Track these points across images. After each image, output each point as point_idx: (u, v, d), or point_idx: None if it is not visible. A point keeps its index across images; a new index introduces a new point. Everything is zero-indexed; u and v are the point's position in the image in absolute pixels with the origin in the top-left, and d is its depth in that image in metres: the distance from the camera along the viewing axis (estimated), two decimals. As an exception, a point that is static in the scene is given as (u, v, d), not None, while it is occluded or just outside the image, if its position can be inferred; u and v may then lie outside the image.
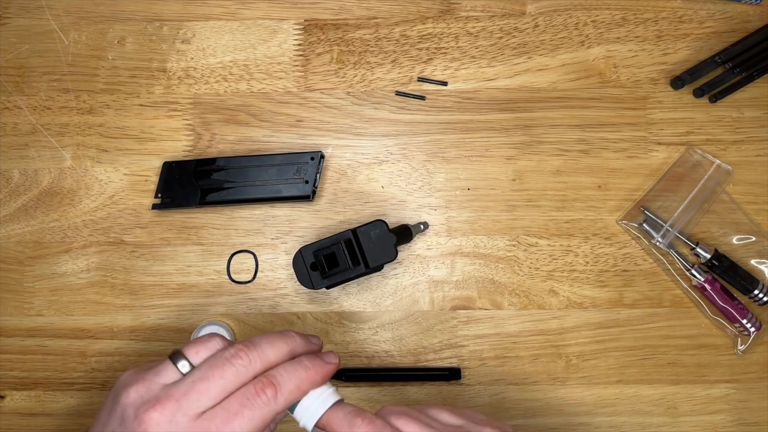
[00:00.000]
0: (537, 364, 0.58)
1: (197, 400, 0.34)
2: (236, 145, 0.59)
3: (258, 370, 0.36)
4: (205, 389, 0.35)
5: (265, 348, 0.37)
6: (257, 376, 0.36)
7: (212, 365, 0.36)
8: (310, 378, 0.37)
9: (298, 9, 0.59)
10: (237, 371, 0.36)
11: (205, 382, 0.35)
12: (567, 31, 0.59)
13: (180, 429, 0.34)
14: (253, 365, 0.36)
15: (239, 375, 0.36)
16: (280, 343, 0.38)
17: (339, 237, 0.53)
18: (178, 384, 0.35)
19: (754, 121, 0.58)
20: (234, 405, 0.35)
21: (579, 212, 0.58)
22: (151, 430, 0.34)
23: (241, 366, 0.36)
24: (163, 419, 0.34)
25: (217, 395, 0.35)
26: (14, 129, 0.59)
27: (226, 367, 0.36)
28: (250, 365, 0.36)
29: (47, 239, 0.58)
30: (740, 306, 0.56)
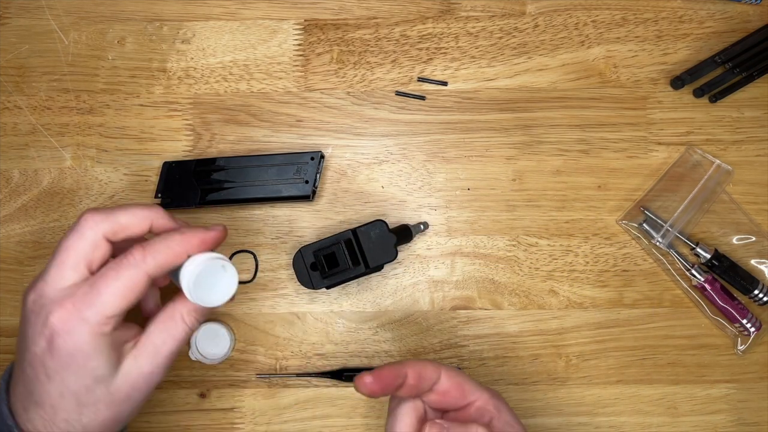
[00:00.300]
0: (537, 364, 0.58)
1: (58, 275, 0.38)
2: (236, 145, 0.59)
3: (107, 232, 0.39)
4: (57, 265, 0.38)
5: (117, 214, 0.40)
6: None
7: (62, 241, 0.39)
8: (184, 240, 0.38)
9: (298, 9, 0.59)
10: (84, 239, 0.38)
11: (56, 259, 0.39)
12: (567, 31, 0.59)
13: (50, 301, 0.37)
14: (102, 226, 0.39)
15: (86, 242, 0.38)
16: (137, 210, 0.40)
17: (339, 237, 0.53)
18: (39, 274, 0.39)
19: (754, 121, 0.58)
20: (103, 270, 0.37)
21: (579, 212, 0.58)
22: (28, 307, 0.38)
23: (89, 230, 0.39)
24: (35, 296, 0.38)
25: (74, 265, 0.38)
26: (14, 129, 0.59)
27: (72, 238, 0.39)
28: (96, 228, 0.39)
29: (47, 239, 0.58)
30: (740, 306, 0.56)
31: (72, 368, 0.37)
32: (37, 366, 0.37)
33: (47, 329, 0.37)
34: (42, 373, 0.37)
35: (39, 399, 0.37)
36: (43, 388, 0.37)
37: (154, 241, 0.38)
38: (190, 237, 0.38)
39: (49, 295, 0.37)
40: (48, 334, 0.37)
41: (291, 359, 0.58)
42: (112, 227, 0.39)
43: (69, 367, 0.37)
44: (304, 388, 0.57)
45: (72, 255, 0.38)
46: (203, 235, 0.39)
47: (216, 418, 0.57)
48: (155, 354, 0.39)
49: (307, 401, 0.57)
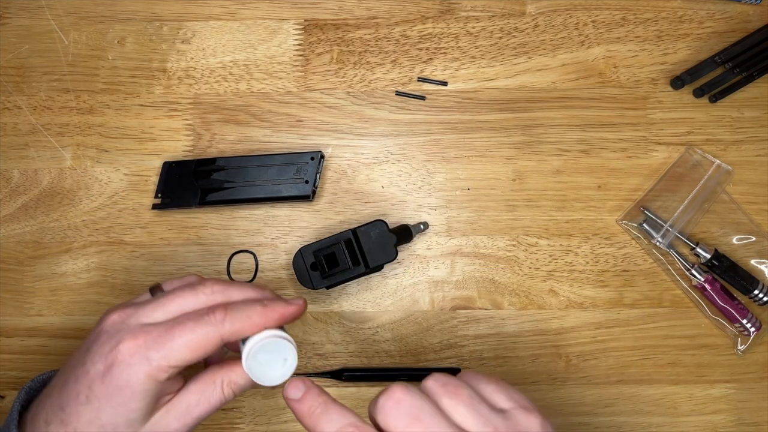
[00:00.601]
0: (537, 364, 0.58)
1: (152, 311, 0.37)
2: (236, 145, 0.59)
3: (217, 301, 0.38)
4: (162, 304, 0.38)
5: (233, 288, 0.39)
6: None
7: (178, 289, 0.39)
8: (265, 313, 0.38)
9: (298, 9, 0.59)
10: (197, 296, 0.38)
11: (165, 299, 0.38)
12: (567, 31, 0.59)
13: (127, 331, 0.36)
14: (214, 296, 0.38)
15: (198, 300, 0.38)
16: (249, 290, 0.40)
17: (339, 237, 0.53)
18: (143, 301, 0.39)
19: (754, 121, 0.58)
20: (181, 318, 0.37)
21: (579, 212, 0.58)
22: (105, 326, 0.37)
23: (202, 294, 0.38)
24: (117, 319, 0.37)
25: (171, 311, 0.38)
26: (14, 129, 0.59)
27: (188, 292, 0.38)
28: (211, 295, 0.38)
29: (47, 239, 0.58)
30: (740, 306, 0.56)
31: (113, 402, 0.36)
32: (83, 385, 0.36)
33: (111, 355, 0.36)
34: (84, 393, 0.36)
35: (67, 418, 0.37)
36: (77, 408, 0.36)
37: (237, 307, 0.37)
38: (272, 312, 0.38)
39: (130, 324, 0.37)
40: (110, 359, 0.36)
41: (291, 359, 0.58)
42: (223, 299, 0.39)
43: (111, 399, 0.36)
44: (304, 388, 0.57)
45: (175, 302, 0.38)
46: (283, 310, 0.38)
47: (216, 418, 0.57)
48: (186, 414, 0.38)
49: (307, 401, 0.57)
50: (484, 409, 0.32)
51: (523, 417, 0.33)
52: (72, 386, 0.37)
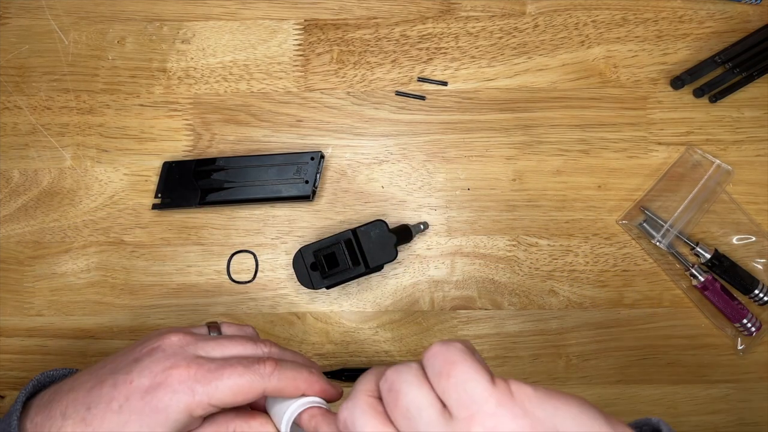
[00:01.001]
0: (537, 364, 0.58)
1: (212, 348, 0.38)
2: (236, 145, 0.59)
3: (272, 355, 0.40)
4: (222, 345, 0.39)
5: (287, 352, 0.41)
6: None
7: (239, 337, 0.40)
8: (310, 380, 0.38)
9: (298, 9, 0.59)
10: (255, 348, 0.39)
11: (227, 341, 0.39)
12: (567, 31, 0.59)
13: (183, 357, 0.37)
14: (270, 353, 0.40)
15: (255, 351, 0.39)
16: (300, 358, 0.41)
17: (339, 237, 0.53)
18: (204, 335, 0.40)
19: (754, 121, 0.58)
20: (233, 360, 0.37)
21: (579, 212, 0.58)
22: (163, 344, 0.38)
23: (259, 349, 0.39)
24: (177, 342, 0.38)
25: (229, 354, 0.38)
26: (14, 129, 0.59)
27: (249, 343, 0.39)
28: (267, 352, 0.40)
29: (47, 239, 0.58)
30: (740, 306, 0.56)
31: (144, 420, 0.35)
32: (121, 393, 0.36)
33: (162, 376, 0.36)
34: (118, 402, 0.36)
35: (90, 418, 0.36)
36: (105, 413, 0.36)
37: (287, 365, 0.38)
38: (315, 382, 0.38)
39: (188, 352, 0.37)
40: (159, 379, 0.36)
41: (291, 359, 0.58)
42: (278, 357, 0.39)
43: (143, 417, 0.35)
44: (304, 388, 0.57)
45: (235, 348, 0.39)
46: (325, 386, 0.39)
47: (216, 418, 0.57)
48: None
49: (307, 401, 0.57)
50: (420, 423, 0.29)
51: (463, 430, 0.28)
52: (108, 390, 0.36)
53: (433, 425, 0.28)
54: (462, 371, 0.29)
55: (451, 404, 0.29)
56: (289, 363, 0.38)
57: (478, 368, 0.29)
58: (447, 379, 0.29)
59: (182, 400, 0.35)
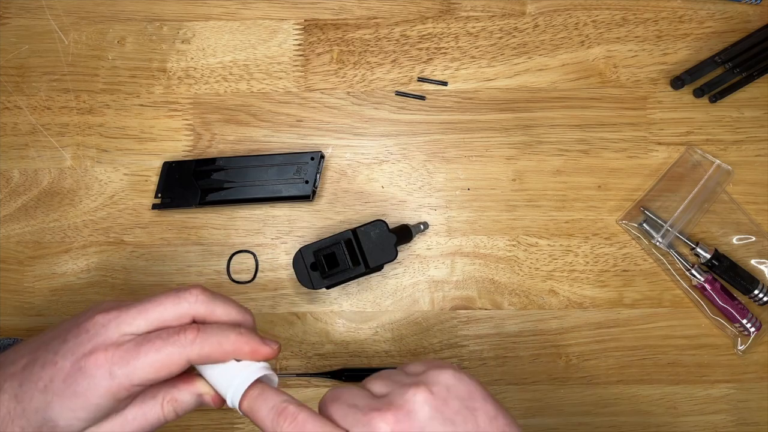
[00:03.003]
0: (537, 364, 0.58)
1: (134, 317, 0.37)
2: (236, 145, 0.59)
3: (198, 312, 0.38)
4: (144, 310, 0.37)
5: (217, 301, 0.38)
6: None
7: (162, 295, 0.38)
8: (238, 343, 0.37)
9: (298, 9, 0.59)
10: (179, 305, 0.37)
11: (149, 303, 0.37)
12: (567, 31, 0.59)
13: (104, 339, 0.36)
14: (197, 306, 0.38)
15: (179, 309, 0.37)
16: (233, 309, 0.39)
17: (339, 237, 0.53)
18: (129, 303, 0.38)
19: (754, 121, 0.58)
20: (151, 335, 0.36)
21: (579, 212, 0.58)
22: (88, 324, 0.37)
23: (185, 301, 0.37)
24: (101, 322, 0.37)
25: (152, 320, 0.37)
26: (14, 129, 0.59)
27: (171, 298, 0.37)
28: (194, 303, 0.37)
29: (47, 239, 0.58)
30: (740, 306, 0.56)
31: (65, 402, 0.36)
32: (46, 373, 0.36)
33: (82, 361, 0.36)
34: (43, 382, 0.36)
35: (21, 395, 0.37)
36: (32, 392, 0.36)
37: (209, 330, 0.37)
38: (245, 343, 0.37)
39: (109, 331, 0.37)
40: (78, 365, 0.36)
41: (291, 359, 0.58)
42: (205, 314, 0.38)
43: (63, 399, 0.36)
44: (304, 388, 0.57)
45: (156, 310, 0.37)
46: (257, 346, 0.37)
47: (215, 418, 0.57)
48: (120, 428, 0.38)
49: (307, 401, 0.57)
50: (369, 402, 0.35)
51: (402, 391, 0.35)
52: (37, 370, 0.37)
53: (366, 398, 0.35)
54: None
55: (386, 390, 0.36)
56: (214, 327, 0.37)
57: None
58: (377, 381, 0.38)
59: (101, 385, 0.35)
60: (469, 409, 0.34)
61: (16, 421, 0.36)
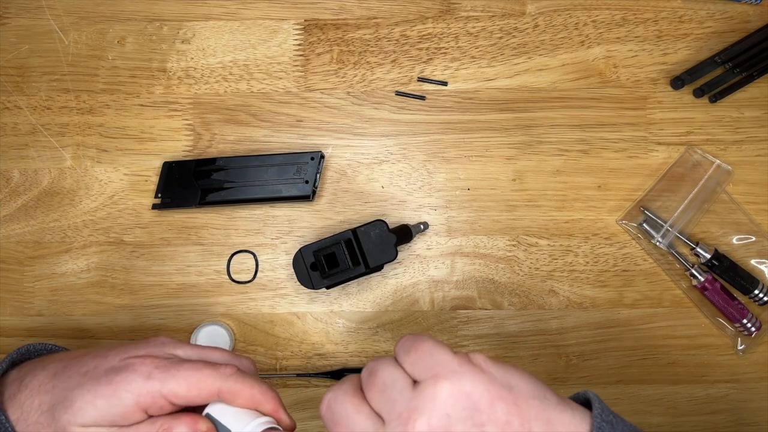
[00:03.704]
0: (537, 364, 0.58)
1: (191, 349, 0.41)
2: (236, 145, 0.59)
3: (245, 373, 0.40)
4: (202, 349, 0.41)
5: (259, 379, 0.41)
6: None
7: (219, 350, 0.42)
8: (267, 395, 0.39)
9: (298, 9, 0.59)
10: (231, 359, 0.41)
11: (208, 348, 0.41)
12: (567, 31, 0.59)
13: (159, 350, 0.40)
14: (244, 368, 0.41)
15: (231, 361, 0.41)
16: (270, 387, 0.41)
17: (339, 237, 0.53)
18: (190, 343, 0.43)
19: (754, 121, 0.58)
20: (197, 360, 0.39)
21: (579, 212, 0.58)
22: (151, 340, 0.41)
23: (237, 361, 0.41)
24: (163, 341, 0.41)
25: (203, 357, 0.40)
26: (14, 129, 0.59)
27: (227, 355, 0.41)
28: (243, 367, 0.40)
29: (47, 239, 0.58)
30: (740, 306, 0.56)
31: (95, 387, 0.37)
32: (94, 361, 0.38)
33: (132, 360, 0.38)
34: (86, 367, 0.38)
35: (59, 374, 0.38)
36: (72, 373, 0.38)
37: (244, 375, 0.39)
38: (273, 399, 0.39)
39: (166, 348, 0.40)
40: (128, 362, 0.38)
41: (291, 359, 0.58)
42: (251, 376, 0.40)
43: (95, 385, 0.37)
44: (304, 388, 0.57)
45: (214, 354, 0.41)
46: (279, 407, 0.39)
47: (216, 418, 0.57)
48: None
49: (307, 401, 0.57)
50: (393, 393, 0.32)
51: (429, 389, 0.31)
52: (87, 359, 0.39)
53: (403, 393, 0.32)
54: (426, 345, 0.33)
55: (418, 372, 0.32)
56: (252, 375, 0.39)
57: (440, 343, 0.34)
58: (414, 353, 0.33)
59: (136, 381, 0.37)
60: (477, 426, 0.31)
61: (40, 395, 0.38)
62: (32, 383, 0.38)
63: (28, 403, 0.38)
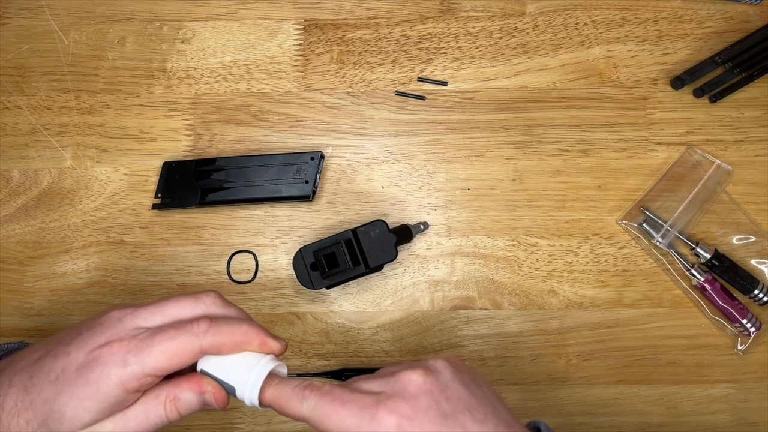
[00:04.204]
0: (537, 364, 0.58)
1: (151, 314, 0.38)
2: (236, 145, 0.59)
3: (213, 315, 0.38)
4: (161, 307, 0.38)
5: (231, 309, 0.40)
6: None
7: (181, 296, 0.39)
8: (247, 333, 0.38)
9: (298, 9, 0.59)
10: (196, 305, 0.39)
11: (166, 302, 0.38)
12: (567, 31, 0.59)
13: (119, 330, 0.37)
14: (212, 309, 0.39)
15: (196, 309, 0.38)
16: (244, 315, 0.40)
17: (339, 237, 0.53)
18: (146, 302, 0.39)
19: (754, 121, 0.58)
20: (166, 325, 0.37)
21: (579, 212, 0.58)
22: (103, 319, 0.38)
23: (202, 303, 0.39)
24: (116, 316, 0.38)
25: (169, 317, 0.38)
26: (14, 129, 0.59)
27: (188, 300, 0.39)
28: (210, 306, 0.39)
29: (47, 239, 0.58)
30: (740, 306, 0.56)
31: (75, 391, 0.36)
32: (59, 364, 0.37)
33: (96, 351, 0.36)
34: (55, 373, 0.37)
35: (30, 387, 0.37)
36: (42, 383, 0.37)
37: (222, 321, 0.38)
38: (254, 335, 0.38)
39: (125, 323, 0.38)
40: (93, 355, 0.36)
41: (291, 359, 0.58)
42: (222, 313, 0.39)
43: (75, 388, 0.36)
44: (304, 388, 0.57)
45: (174, 307, 0.38)
46: (266, 339, 0.38)
47: (216, 418, 0.57)
48: (123, 427, 0.38)
49: (307, 401, 0.57)
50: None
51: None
52: (49, 361, 0.37)
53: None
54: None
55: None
56: (226, 319, 0.38)
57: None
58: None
59: (114, 372, 0.36)
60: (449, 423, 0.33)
61: (23, 413, 0.37)
62: (7, 403, 0.37)
63: (14, 423, 0.37)
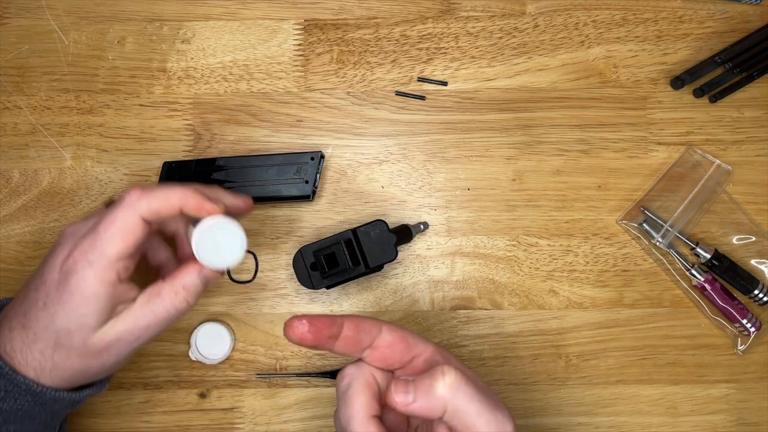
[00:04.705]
0: (537, 364, 0.58)
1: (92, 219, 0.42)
2: (236, 145, 0.59)
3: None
4: (99, 211, 0.42)
5: (162, 186, 0.42)
6: None
7: (125, 193, 0.42)
8: (183, 196, 0.40)
9: (298, 9, 0.59)
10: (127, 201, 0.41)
11: (104, 209, 0.42)
12: (567, 31, 0.59)
13: (75, 240, 0.40)
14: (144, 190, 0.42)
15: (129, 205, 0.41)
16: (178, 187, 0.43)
17: (339, 237, 0.53)
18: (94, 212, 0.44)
19: (754, 121, 0.58)
20: (104, 214, 0.40)
21: (579, 212, 0.58)
22: (60, 239, 0.41)
23: (134, 194, 0.41)
24: (69, 232, 0.42)
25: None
26: (14, 129, 0.59)
27: (119, 201, 0.41)
28: (140, 191, 0.41)
29: (47, 239, 0.58)
30: (740, 306, 0.56)
31: (66, 306, 0.38)
32: (41, 292, 0.39)
33: (66, 264, 0.39)
34: (42, 300, 0.39)
35: (27, 323, 0.39)
36: (36, 314, 0.39)
37: (153, 187, 0.40)
38: (190, 197, 0.40)
39: (78, 233, 0.40)
40: (64, 269, 0.39)
41: (291, 359, 0.58)
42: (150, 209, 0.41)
43: (64, 303, 0.38)
44: (304, 388, 0.57)
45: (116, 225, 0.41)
46: (202, 201, 0.40)
47: (216, 418, 0.57)
48: (134, 324, 0.40)
49: (307, 401, 0.57)
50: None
51: None
52: (33, 295, 0.40)
53: None
54: None
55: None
56: (158, 185, 0.40)
57: None
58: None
59: (87, 275, 0.38)
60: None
61: (33, 347, 0.39)
62: (16, 345, 0.39)
63: (30, 358, 0.39)
